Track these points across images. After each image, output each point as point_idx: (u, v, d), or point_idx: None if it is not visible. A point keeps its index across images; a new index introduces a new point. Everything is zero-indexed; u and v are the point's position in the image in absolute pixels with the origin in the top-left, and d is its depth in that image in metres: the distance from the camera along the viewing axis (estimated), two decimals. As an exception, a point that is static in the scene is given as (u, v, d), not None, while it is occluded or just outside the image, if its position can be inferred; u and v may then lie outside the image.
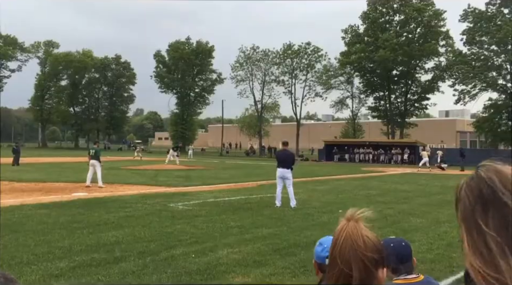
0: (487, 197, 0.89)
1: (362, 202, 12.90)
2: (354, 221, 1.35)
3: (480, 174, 0.94)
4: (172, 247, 6.90)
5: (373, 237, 1.34)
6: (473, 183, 0.94)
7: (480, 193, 0.91)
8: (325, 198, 13.71)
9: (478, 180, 0.93)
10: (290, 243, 7.29)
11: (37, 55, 72.36)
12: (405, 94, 52.91)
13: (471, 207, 0.91)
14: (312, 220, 9.68)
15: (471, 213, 0.90)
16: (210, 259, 6.27)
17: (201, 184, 17.37)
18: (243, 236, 7.86)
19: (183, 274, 5.57)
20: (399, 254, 2.22)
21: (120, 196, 13.23)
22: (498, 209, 0.87)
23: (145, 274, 5.54)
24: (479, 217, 0.88)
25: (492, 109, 46.08)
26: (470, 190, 0.93)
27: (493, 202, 0.88)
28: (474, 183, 0.93)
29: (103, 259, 6.10)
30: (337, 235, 1.34)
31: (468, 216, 0.91)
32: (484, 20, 44.39)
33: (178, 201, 12.11)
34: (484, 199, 0.89)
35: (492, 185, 0.90)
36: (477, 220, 0.88)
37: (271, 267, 5.92)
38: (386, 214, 10.63)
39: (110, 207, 10.88)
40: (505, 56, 44.53)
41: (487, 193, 0.90)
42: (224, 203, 12.02)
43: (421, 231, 8.66)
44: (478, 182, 0.92)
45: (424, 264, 5.88)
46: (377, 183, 19.87)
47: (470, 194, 0.92)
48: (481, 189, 0.91)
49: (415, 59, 50.46)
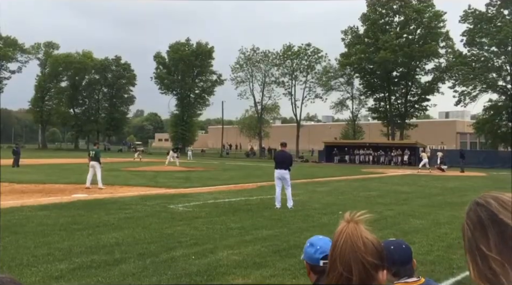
0: (485, 220, 0.93)
1: (362, 203, 12.90)
2: (354, 223, 1.35)
3: (477, 201, 0.98)
4: (171, 248, 6.89)
5: (373, 239, 1.34)
6: (472, 211, 0.97)
7: (479, 218, 0.94)
8: (325, 199, 13.70)
9: (476, 207, 0.97)
10: (291, 245, 7.28)
11: (37, 56, 72.48)
12: (405, 95, 52.93)
13: (472, 235, 0.94)
14: (312, 221, 9.68)
15: (473, 240, 0.93)
16: (210, 260, 6.26)
17: (201, 185, 17.36)
18: (243, 237, 7.85)
19: (183, 275, 5.56)
20: (399, 257, 2.20)
21: (120, 197, 13.22)
22: (497, 228, 0.90)
23: (145, 275, 5.53)
24: (480, 243, 0.91)
25: (492, 110, 46.08)
26: (470, 219, 0.97)
27: (491, 223, 0.91)
28: (472, 211, 0.97)
29: (103, 261, 6.09)
30: (337, 237, 1.34)
31: (471, 245, 0.94)
32: (484, 21, 44.42)
33: (178, 202, 12.11)
34: (483, 223, 0.93)
35: (489, 208, 0.94)
36: (479, 246, 0.91)
37: (271, 269, 5.91)
38: (386, 215, 10.63)
39: (110, 208, 10.88)
40: (505, 58, 44.54)
41: (485, 216, 0.93)
42: (224, 204, 12.01)
43: (421, 232, 8.65)
44: (476, 208, 0.97)
45: (425, 266, 5.88)
46: (377, 184, 19.86)
47: (470, 223, 0.96)
48: (479, 215, 0.95)
49: (415, 60, 50.48)
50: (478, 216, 0.95)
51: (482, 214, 0.94)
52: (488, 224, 0.92)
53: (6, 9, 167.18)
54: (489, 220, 0.92)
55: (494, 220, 0.91)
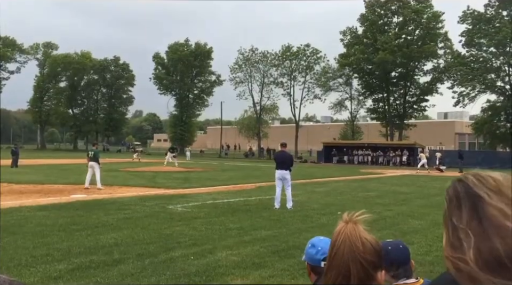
0: (460, 193, 0.97)
1: (361, 203, 12.90)
2: (352, 223, 1.35)
3: (458, 177, 1.02)
4: (170, 249, 6.89)
5: (371, 239, 1.34)
6: (451, 187, 1.01)
7: (456, 192, 0.98)
8: (324, 200, 13.71)
9: (455, 183, 1.01)
10: (289, 245, 7.29)
11: (36, 56, 72.38)
12: (404, 95, 52.98)
13: (448, 208, 0.99)
14: (311, 222, 9.68)
15: (448, 212, 0.98)
16: (209, 261, 6.26)
17: (200, 186, 17.36)
18: (242, 238, 7.86)
19: (181, 276, 5.56)
20: (397, 258, 2.20)
21: (119, 197, 13.21)
22: (471, 201, 0.94)
23: (144, 276, 5.54)
24: (453, 215, 0.95)
25: (491, 111, 46.16)
26: (448, 194, 1.01)
27: (466, 196, 0.95)
28: (451, 187, 1.01)
29: (101, 261, 6.09)
30: (336, 237, 1.34)
31: (445, 217, 0.98)
32: (482, 22, 44.50)
33: (177, 203, 12.10)
34: (458, 197, 0.97)
35: (466, 182, 0.98)
36: (452, 219, 0.95)
37: (270, 269, 5.92)
38: (385, 216, 10.64)
39: (109, 209, 10.87)
40: (503, 58, 44.63)
41: (461, 190, 0.97)
42: (223, 205, 12.01)
43: (420, 233, 8.66)
44: (455, 184, 1.01)
45: (423, 267, 5.88)
46: (376, 185, 19.88)
47: (447, 197, 1.00)
48: (456, 189, 0.99)
49: (414, 61, 50.54)
50: (456, 190, 0.98)
51: (459, 188, 0.98)
52: (463, 197, 0.96)
53: (5, 10, 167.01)
54: (465, 193, 0.96)
55: (469, 193, 0.95)
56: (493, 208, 0.91)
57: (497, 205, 0.91)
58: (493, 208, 0.91)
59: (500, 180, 0.97)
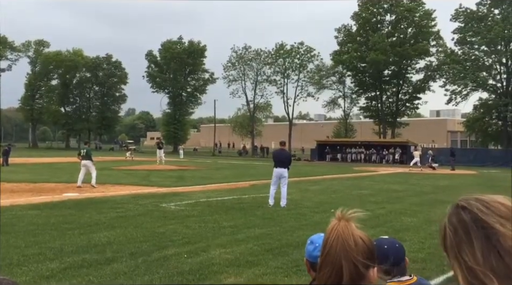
0: (469, 224, 0.87)
1: (354, 201, 12.95)
2: (345, 220, 1.35)
3: (459, 204, 0.92)
4: (164, 247, 6.87)
5: (364, 237, 1.34)
6: (454, 215, 0.92)
7: (462, 223, 0.89)
8: (317, 198, 13.74)
9: (458, 210, 0.91)
10: (283, 243, 7.30)
11: (27, 54, 71.71)
12: (396, 94, 53.24)
13: (454, 240, 0.89)
14: (304, 220, 9.70)
15: (456, 247, 0.88)
16: (203, 259, 6.26)
17: (194, 184, 17.32)
18: (235, 236, 7.85)
19: (175, 274, 5.55)
20: (393, 256, 2.21)
21: (112, 196, 13.15)
22: (482, 232, 0.85)
23: (137, 274, 5.51)
24: (464, 251, 0.86)
25: (482, 109, 46.52)
26: (451, 223, 0.91)
27: (475, 227, 0.86)
28: (454, 215, 0.92)
29: (94, 260, 6.06)
30: (328, 235, 1.34)
31: (453, 250, 0.89)
32: (474, 20, 44.80)
33: (171, 201, 12.07)
34: (466, 227, 0.87)
35: (472, 211, 0.88)
36: (463, 255, 0.86)
37: (263, 267, 5.92)
38: (378, 213, 10.68)
39: (102, 207, 10.82)
40: (495, 57, 44.97)
41: (468, 219, 0.87)
42: (217, 203, 12.00)
43: (413, 230, 8.71)
44: (458, 212, 0.91)
45: (416, 264, 5.92)
46: (369, 183, 19.96)
47: (452, 228, 0.91)
48: (462, 218, 0.89)
49: (407, 59, 50.79)
50: (461, 220, 0.88)
51: (465, 217, 0.88)
52: (471, 228, 0.86)
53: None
54: (473, 223, 0.86)
55: (478, 223, 0.85)
56: (510, 239, 0.81)
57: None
58: (510, 240, 0.81)
59: (509, 205, 0.87)
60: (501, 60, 44.97)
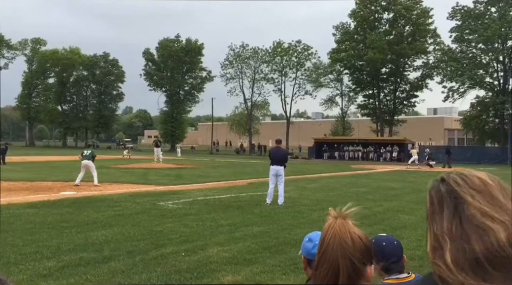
0: (443, 195, 0.93)
1: (352, 199, 12.95)
2: (341, 218, 1.34)
3: (442, 176, 0.98)
4: (161, 246, 6.87)
5: (361, 235, 1.34)
6: (433, 186, 0.97)
7: (438, 193, 0.94)
8: (315, 196, 13.75)
9: (438, 183, 0.97)
10: (280, 241, 7.30)
11: (24, 52, 71.59)
12: (394, 91, 53.30)
13: (429, 209, 0.95)
14: (302, 218, 9.71)
15: (430, 216, 0.94)
16: (200, 257, 6.26)
17: (192, 182, 17.32)
18: (233, 234, 7.86)
19: (172, 272, 5.54)
20: (391, 253, 2.22)
21: (109, 194, 13.13)
22: (453, 204, 0.90)
23: (135, 273, 5.51)
24: (434, 219, 0.92)
25: (479, 106, 46.63)
26: (429, 193, 0.97)
27: (448, 198, 0.92)
28: (434, 186, 0.97)
29: (92, 258, 6.05)
30: (325, 233, 1.34)
31: (428, 217, 0.95)
32: (471, 18, 44.89)
33: (168, 200, 12.06)
34: (440, 198, 0.93)
35: (449, 183, 0.94)
36: (432, 222, 0.92)
37: (261, 265, 5.92)
38: (375, 211, 10.71)
39: (99, 206, 10.80)
40: (492, 55, 45.07)
41: (444, 190, 0.93)
42: (214, 201, 12.00)
43: (410, 228, 8.73)
44: (437, 183, 0.97)
45: (413, 261, 5.93)
46: (367, 180, 19.99)
47: (428, 197, 0.97)
48: (438, 189, 0.95)
49: (404, 57, 50.85)
50: (438, 191, 0.95)
51: (442, 188, 0.94)
52: (445, 198, 0.92)
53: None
54: (447, 194, 0.92)
55: (451, 195, 0.92)
56: (473, 208, 0.88)
57: (478, 205, 0.87)
58: (473, 208, 0.88)
59: (485, 179, 0.92)
60: (498, 58, 45.08)
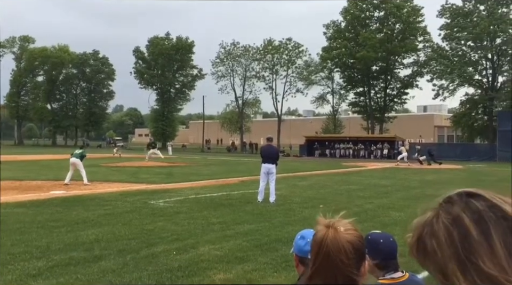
0: (485, 212, 0.68)
1: (343, 197, 13.03)
2: (333, 229, 1.33)
3: (467, 191, 0.73)
4: (152, 244, 6.84)
5: (352, 240, 1.33)
6: (460, 205, 0.71)
7: (475, 213, 0.69)
8: (306, 193, 13.78)
9: (467, 199, 0.71)
10: (272, 239, 7.31)
11: (12, 50, 70.73)
12: (385, 89, 53.61)
13: (460, 238, 0.68)
14: (293, 215, 9.73)
15: (465, 247, 0.68)
16: (192, 255, 6.24)
17: (183, 181, 17.26)
18: (224, 232, 7.85)
19: (164, 271, 5.52)
20: (388, 251, 2.20)
21: (100, 193, 13.05)
22: (504, 223, 0.67)
23: (126, 272, 5.48)
24: (478, 249, 0.66)
25: (469, 104, 47.08)
26: (455, 216, 0.70)
27: (495, 216, 0.67)
28: (461, 204, 0.71)
29: (82, 258, 6.01)
30: (318, 249, 1.32)
31: (457, 256, 0.68)
32: (461, 16, 45.27)
33: (159, 198, 12.01)
34: (482, 218, 0.68)
35: (487, 198, 0.70)
36: (477, 257, 0.66)
37: (252, 263, 5.93)
38: (366, 208, 10.77)
39: (89, 205, 10.72)
40: (481, 52, 45.50)
41: (485, 206, 0.68)
42: (206, 200, 11.98)
43: (400, 225, 8.77)
44: (468, 200, 0.71)
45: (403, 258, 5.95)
46: (358, 178, 20.09)
47: (455, 221, 0.70)
48: (474, 207, 0.69)
49: (395, 55, 51.16)
50: (474, 210, 0.68)
51: (479, 205, 0.68)
52: (490, 218, 0.66)
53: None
54: (491, 212, 0.67)
55: (497, 213, 0.66)
56: None
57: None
58: None
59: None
60: (487, 55, 45.53)
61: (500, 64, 45.18)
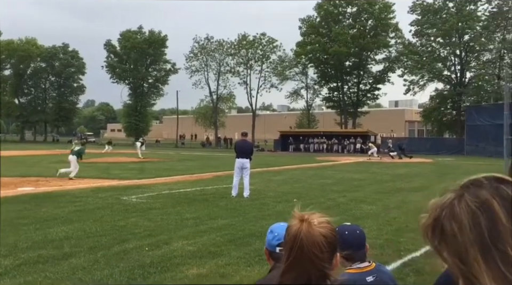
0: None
1: (317, 191, 13.16)
2: (307, 223, 1.33)
3: (496, 176, 0.71)
4: (124, 241, 6.74)
5: (325, 232, 1.33)
6: (490, 190, 0.68)
7: (505, 200, 0.66)
8: (280, 188, 13.86)
9: (497, 185, 0.69)
10: (246, 233, 7.32)
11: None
12: (357, 84, 54.36)
13: (489, 225, 0.65)
14: (267, 210, 9.76)
15: (492, 234, 0.65)
16: (165, 251, 6.18)
17: (156, 176, 17.07)
18: (198, 227, 7.81)
19: (136, 267, 5.45)
20: (353, 242, 2.25)
21: (70, 190, 12.76)
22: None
23: (96, 269, 5.38)
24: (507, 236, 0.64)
25: (438, 99, 48.25)
26: (483, 202, 0.68)
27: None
28: (491, 190, 0.68)
29: (51, 256, 5.87)
30: (292, 243, 1.31)
31: (482, 242, 0.66)
32: (431, 13, 46.26)
33: (132, 194, 11.84)
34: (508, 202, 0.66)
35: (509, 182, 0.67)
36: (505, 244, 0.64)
37: (226, 257, 5.92)
38: (339, 202, 10.92)
39: (59, 201, 10.48)
40: (450, 48, 46.65)
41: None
42: (180, 195, 11.88)
43: (372, 217, 8.95)
44: (497, 186, 0.69)
45: (374, 250, 6.08)
46: (331, 172, 20.33)
47: (482, 207, 0.67)
48: (504, 194, 0.67)
49: (367, 51, 51.88)
50: (506, 195, 0.66)
51: (510, 191, 0.66)
52: None
53: None
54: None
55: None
56: None
57: None
58: None
59: None
60: (455, 52, 46.72)
61: (467, 60, 46.44)
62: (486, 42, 44.47)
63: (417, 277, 5.18)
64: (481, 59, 46.42)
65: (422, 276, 5.21)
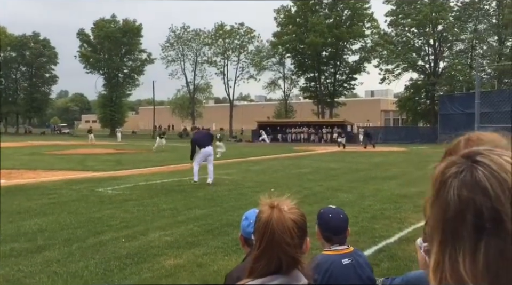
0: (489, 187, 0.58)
1: (294, 180, 13.26)
2: (277, 210, 1.34)
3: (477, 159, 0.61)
4: (100, 233, 6.66)
5: (295, 218, 1.35)
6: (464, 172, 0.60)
7: (478, 183, 0.58)
8: (258, 177, 13.91)
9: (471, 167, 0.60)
10: (223, 223, 7.33)
11: None
12: (334, 74, 54.75)
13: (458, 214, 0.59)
14: (245, 200, 9.79)
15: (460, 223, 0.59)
16: (142, 242, 6.14)
17: (132, 168, 16.87)
18: (175, 218, 7.78)
19: (112, 259, 5.40)
20: (335, 225, 2.32)
21: (43, 182, 12.50)
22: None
23: (71, 261, 5.31)
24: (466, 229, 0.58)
25: (413, 88, 49.07)
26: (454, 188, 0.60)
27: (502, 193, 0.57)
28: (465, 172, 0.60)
29: (24, 249, 5.75)
30: (264, 228, 1.32)
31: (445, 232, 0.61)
32: (405, 3, 46.79)
33: (108, 186, 11.69)
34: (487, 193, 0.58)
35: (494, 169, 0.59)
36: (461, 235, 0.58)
37: (203, 247, 5.92)
38: (316, 191, 11.04)
39: (32, 194, 10.26)
40: (423, 39, 47.39)
41: (491, 181, 0.58)
42: (156, 186, 11.80)
43: (348, 205, 9.07)
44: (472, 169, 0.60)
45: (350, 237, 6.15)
46: (308, 162, 20.50)
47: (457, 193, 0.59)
48: (478, 179, 0.59)
49: (343, 41, 52.21)
50: (477, 181, 0.58)
51: (481, 176, 0.58)
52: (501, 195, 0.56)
53: None
54: (500, 187, 0.57)
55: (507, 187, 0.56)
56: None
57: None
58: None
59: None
60: (429, 41, 47.51)
61: (441, 50, 47.30)
62: (459, 33, 45.36)
63: (391, 262, 5.31)
64: (454, 49, 47.35)
65: (395, 261, 5.34)
